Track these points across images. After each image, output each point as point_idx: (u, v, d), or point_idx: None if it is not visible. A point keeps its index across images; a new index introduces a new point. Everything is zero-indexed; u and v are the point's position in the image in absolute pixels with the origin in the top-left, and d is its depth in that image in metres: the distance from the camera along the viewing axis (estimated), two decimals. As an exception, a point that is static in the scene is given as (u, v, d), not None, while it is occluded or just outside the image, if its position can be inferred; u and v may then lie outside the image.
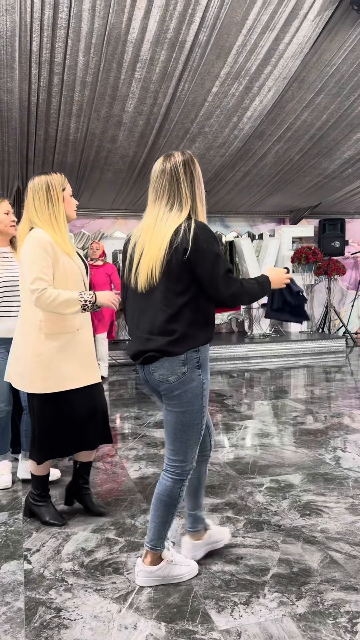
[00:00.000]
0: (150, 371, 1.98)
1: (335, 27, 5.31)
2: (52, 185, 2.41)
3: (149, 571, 2.08)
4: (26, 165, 6.86)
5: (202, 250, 1.86)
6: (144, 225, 2.01)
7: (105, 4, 4.71)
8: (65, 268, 2.41)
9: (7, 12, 4.65)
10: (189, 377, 1.94)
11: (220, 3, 4.87)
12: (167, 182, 1.95)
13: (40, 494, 2.67)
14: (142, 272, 1.94)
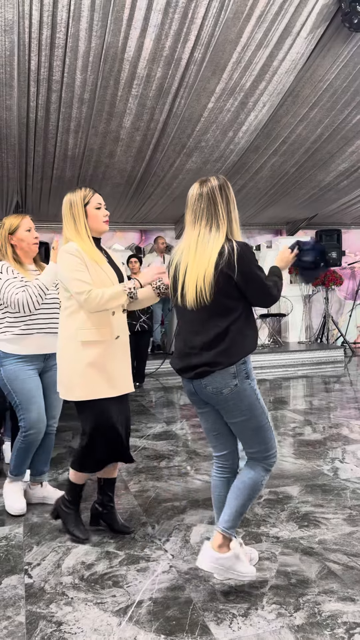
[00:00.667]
0: (203, 385, 2.08)
1: (328, 43, 5.42)
2: (74, 203, 2.51)
3: (217, 557, 2.07)
4: (25, 180, 6.95)
5: (249, 271, 2.02)
6: (185, 247, 2.13)
7: (102, 23, 4.81)
8: (95, 279, 2.45)
9: (6, 32, 4.74)
10: (241, 388, 2.05)
11: (214, 22, 4.98)
12: (205, 205, 2.08)
13: (71, 501, 2.66)
14: (190, 291, 2.06)
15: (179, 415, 5.27)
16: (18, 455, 2.95)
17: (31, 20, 4.70)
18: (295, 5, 4.93)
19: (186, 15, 4.88)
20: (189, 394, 2.19)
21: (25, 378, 2.88)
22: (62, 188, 7.15)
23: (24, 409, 2.87)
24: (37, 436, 2.90)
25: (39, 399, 2.90)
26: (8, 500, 2.98)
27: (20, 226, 2.96)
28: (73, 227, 2.51)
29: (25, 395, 2.87)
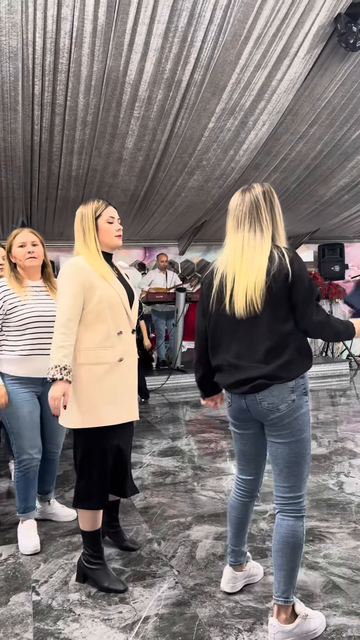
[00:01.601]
0: (258, 400, 1.94)
1: (326, 63, 5.53)
2: (85, 215, 2.39)
3: (287, 631, 1.91)
4: (30, 201, 7.07)
5: (300, 275, 1.90)
6: (230, 254, 2.02)
7: (104, 48, 4.95)
8: (101, 294, 2.29)
9: (10, 59, 4.88)
10: (298, 404, 1.92)
11: (213, 44, 5.10)
12: (247, 210, 1.99)
13: (93, 554, 2.41)
14: (239, 300, 1.94)
15: (184, 431, 5.29)
16: (19, 487, 2.81)
17: (35, 47, 4.84)
18: (292, 27, 5.06)
19: (185, 39, 5.01)
20: (237, 411, 2.05)
21: (19, 402, 2.73)
22: (67, 208, 7.28)
23: (15, 435, 2.75)
24: (31, 462, 2.76)
25: (31, 425, 2.75)
26: (21, 541, 2.83)
27: (14, 243, 2.83)
28: (82, 240, 2.38)
29: (17, 421, 2.73)
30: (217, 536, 2.83)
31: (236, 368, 1.97)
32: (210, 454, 4.40)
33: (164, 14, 4.76)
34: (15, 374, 2.74)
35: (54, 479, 3.11)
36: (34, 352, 2.74)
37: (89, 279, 2.28)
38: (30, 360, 2.75)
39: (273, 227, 1.99)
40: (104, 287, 2.30)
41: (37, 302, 2.81)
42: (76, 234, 2.41)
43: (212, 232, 9.33)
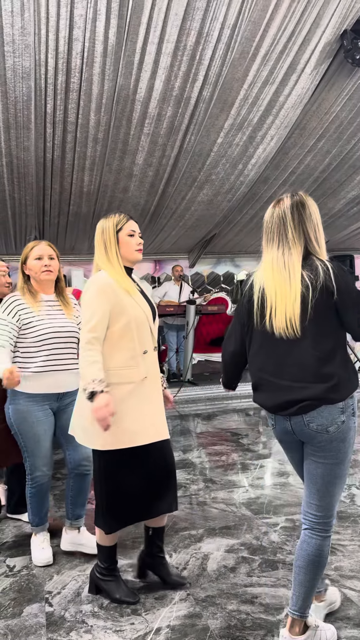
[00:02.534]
0: (306, 422, 1.87)
1: (332, 78, 5.60)
2: (106, 229, 2.35)
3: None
4: (42, 216, 7.18)
5: (346, 288, 1.84)
6: (267, 269, 1.98)
7: (114, 67, 5.06)
8: (128, 311, 2.26)
9: (23, 79, 5.01)
10: (347, 426, 1.86)
11: (221, 62, 5.20)
12: (275, 226, 1.95)
13: (108, 567, 2.41)
14: (280, 317, 1.89)
15: (195, 444, 5.31)
16: (32, 502, 2.78)
17: (47, 67, 4.96)
18: (298, 44, 5.14)
19: (194, 57, 5.11)
20: (282, 433, 1.98)
21: (34, 421, 2.68)
22: (78, 223, 7.39)
23: (29, 453, 2.71)
24: (43, 479, 2.73)
25: (46, 444, 2.72)
26: (34, 553, 2.82)
27: (30, 255, 2.77)
28: (104, 254, 2.34)
29: (31, 440, 2.68)
30: (228, 549, 2.85)
31: (280, 388, 1.91)
32: (222, 466, 4.41)
33: (173, 34, 4.87)
34: (31, 391, 2.68)
35: (86, 500, 2.90)
36: (49, 367, 2.69)
37: (116, 297, 2.24)
38: (46, 376, 2.69)
39: (306, 241, 1.93)
40: (131, 305, 2.27)
41: (52, 317, 2.76)
42: (97, 247, 2.37)
43: (222, 245, 9.40)
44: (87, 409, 2.23)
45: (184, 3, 4.64)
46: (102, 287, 2.24)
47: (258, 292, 1.99)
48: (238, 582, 2.49)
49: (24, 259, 2.79)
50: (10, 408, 2.71)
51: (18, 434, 2.70)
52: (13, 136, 5.54)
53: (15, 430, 2.70)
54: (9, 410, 2.72)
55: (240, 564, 2.67)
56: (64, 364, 2.73)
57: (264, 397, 1.98)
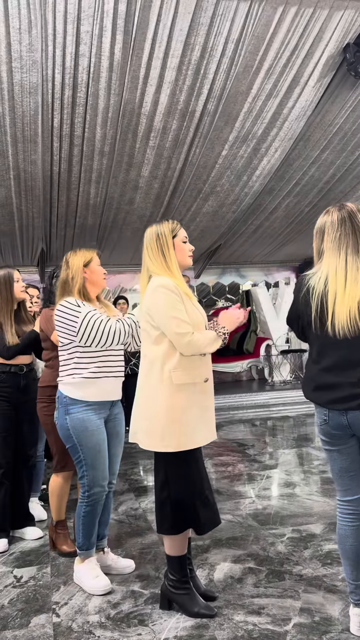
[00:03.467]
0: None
1: (336, 90, 5.66)
2: (162, 234, 2.34)
3: None
4: (49, 228, 7.26)
5: None
6: (330, 274, 2.04)
7: (120, 82, 5.14)
8: (190, 314, 2.28)
9: (31, 94, 5.10)
10: None
11: (225, 76, 5.27)
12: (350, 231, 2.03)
13: (181, 579, 2.30)
14: (342, 320, 1.98)
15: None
16: (85, 523, 2.57)
17: (54, 82, 5.05)
18: (302, 57, 5.21)
19: (199, 71, 5.19)
20: (336, 427, 2.05)
21: (94, 430, 2.55)
22: (85, 235, 7.45)
23: (89, 466, 2.55)
24: (101, 495, 2.59)
25: (105, 454, 2.59)
26: (88, 582, 2.57)
27: (94, 260, 2.73)
28: (162, 260, 2.31)
29: (92, 450, 2.54)
30: (235, 559, 2.84)
31: (340, 385, 2.00)
32: (228, 477, 4.41)
33: (178, 49, 4.94)
34: (89, 399, 2.56)
35: (109, 519, 2.81)
36: (103, 374, 2.59)
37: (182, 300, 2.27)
38: (99, 383, 2.58)
39: None
40: (191, 309, 2.30)
41: None
42: (151, 253, 2.33)
43: (227, 256, 9.44)
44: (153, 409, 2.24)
45: (189, 19, 4.72)
46: (174, 289, 2.25)
47: (319, 296, 2.05)
48: (245, 592, 2.49)
49: (87, 262, 2.70)
50: (67, 419, 2.55)
51: (77, 446, 2.55)
52: (20, 150, 5.62)
53: (75, 441, 2.54)
54: (64, 422, 2.56)
55: (247, 574, 2.67)
56: (117, 370, 2.65)
57: (321, 394, 2.06)
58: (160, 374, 2.25)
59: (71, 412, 2.55)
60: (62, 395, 2.59)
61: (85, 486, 2.56)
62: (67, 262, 2.72)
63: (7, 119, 5.25)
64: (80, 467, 2.57)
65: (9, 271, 3.29)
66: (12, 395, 3.24)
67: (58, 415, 2.61)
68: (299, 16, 4.86)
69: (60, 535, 3.06)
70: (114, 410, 2.70)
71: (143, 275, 2.38)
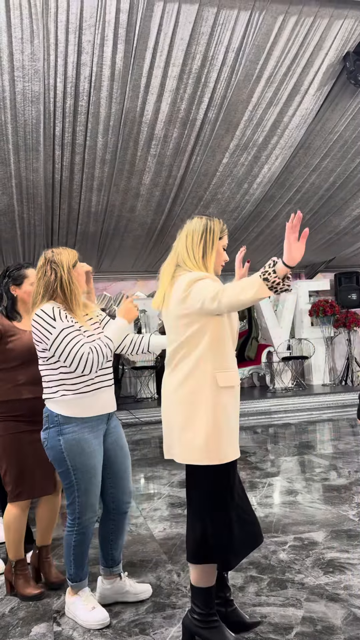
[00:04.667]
0: None
1: (336, 99, 5.69)
2: (211, 230, 2.11)
3: None
4: (51, 235, 7.28)
5: None
6: None
7: (122, 90, 5.17)
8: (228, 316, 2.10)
9: (33, 103, 5.13)
10: None
11: (226, 84, 5.30)
12: None
13: (210, 612, 2.04)
14: None
15: (203, 462, 5.29)
16: (76, 554, 2.34)
17: (56, 91, 5.09)
18: (302, 66, 5.25)
19: (199, 80, 5.22)
20: None
21: (91, 452, 2.28)
22: (87, 242, 7.48)
23: (81, 491, 2.28)
24: (93, 522, 2.33)
25: (99, 478, 2.33)
26: (83, 615, 2.33)
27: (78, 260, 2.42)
28: (200, 256, 2.09)
29: (87, 474, 2.27)
30: (237, 567, 2.83)
31: None
32: (229, 484, 4.39)
33: (179, 57, 4.98)
34: (86, 415, 2.29)
35: (123, 543, 2.55)
36: (98, 385, 2.33)
37: None
38: (96, 396, 2.32)
39: None
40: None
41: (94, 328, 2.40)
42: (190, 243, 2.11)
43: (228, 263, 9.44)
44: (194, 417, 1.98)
45: (190, 28, 4.76)
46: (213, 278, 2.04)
47: None
48: (246, 601, 2.47)
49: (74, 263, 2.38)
50: (60, 440, 2.25)
51: (71, 470, 2.26)
52: (22, 158, 5.65)
53: (68, 465, 2.26)
54: (57, 443, 2.26)
55: (248, 583, 2.66)
56: (109, 379, 2.40)
57: None
58: (200, 376, 1.99)
59: (65, 433, 2.25)
60: (52, 414, 2.28)
61: (75, 513, 2.30)
62: (51, 261, 2.34)
63: (9, 127, 5.28)
64: (70, 492, 2.29)
65: None
66: None
67: (48, 437, 2.29)
68: (299, 25, 4.90)
69: (21, 577, 2.64)
70: (112, 422, 2.43)
71: (170, 263, 2.15)
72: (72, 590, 2.39)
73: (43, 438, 2.33)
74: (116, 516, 2.44)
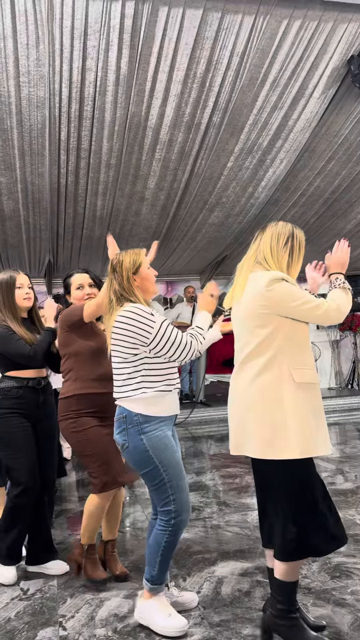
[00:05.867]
0: None
1: (340, 102, 5.69)
2: (297, 237, 2.21)
3: None
4: (57, 240, 7.30)
5: None
6: None
7: (126, 95, 5.19)
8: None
9: (38, 108, 5.16)
10: None
11: (231, 88, 5.32)
12: None
13: (292, 608, 2.05)
14: None
15: (209, 466, 5.28)
16: (164, 555, 2.26)
17: (61, 96, 5.11)
18: (306, 70, 5.25)
19: (204, 84, 5.24)
20: None
21: (173, 446, 2.29)
22: (92, 246, 7.50)
23: (175, 488, 2.23)
24: (186, 524, 2.29)
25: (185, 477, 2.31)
26: (161, 621, 2.24)
27: (144, 263, 2.39)
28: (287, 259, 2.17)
29: (176, 469, 2.25)
30: (243, 572, 2.82)
31: None
32: (235, 489, 4.38)
33: (183, 62, 5.00)
34: (163, 414, 2.30)
35: None
36: (172, 386, 2.34)
37: None
38: (170, 395, 2.33)
39: None
40: None
41: None
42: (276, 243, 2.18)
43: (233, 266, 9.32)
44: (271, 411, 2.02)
45: (194, 33, 4.78)
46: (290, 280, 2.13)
47: None
48: (253, 606, 2.46)
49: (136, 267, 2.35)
50: (143, 439, 2.23)
51: (159, 468, 2.23)
52: (28, 163, 5.68)
53: (156, 463, 2.23)
54: (140, 443, 2.23)
55: (254, 587, 2.64)
56: (178, 382, 2.40)
57: None
58: (277, 374, 2.04)
59: (147, 431, 2.24)
60: (131, 413, 2.26)
61: (171, 513, 2.22)
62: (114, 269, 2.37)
63: (14, 132, 5.31)
64: (163, 491, 2.23)
65: (12, 275, 3.01)
66: (31, 413, 2.90)
67: (128, 438, 2.26)
68: (304, 29, 4.90)
69: (90, 561, 2.77)
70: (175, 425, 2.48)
71: (250, 259, 2.22)
72: (149, 592, 2.31)
73: (122, 441, 2.29)
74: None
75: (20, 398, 2.88)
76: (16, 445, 2.83)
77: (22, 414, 2.88)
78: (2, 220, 6.54)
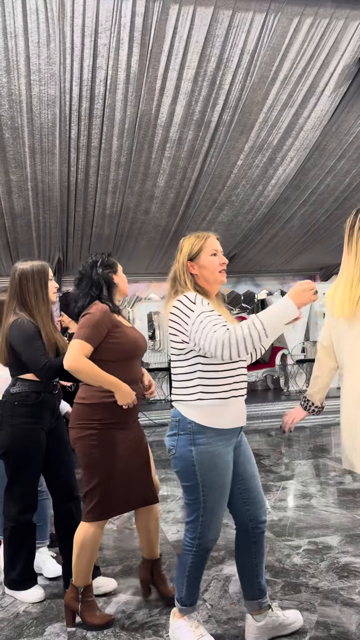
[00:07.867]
0: None
1: (352, 100, 5.66)
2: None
3: None
4: (66, 238, 7.33)
5: None
6: None
7: (137, 93, 5.20)
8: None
9: (49, 106, 5.18)
10: None
11: (241, 86, 5.30)
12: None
13: None
14: None
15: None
16: (190, 575, 2.08)
17: (72, 95, 5.13)
18: (317, 67, 5.22)
19: (214, 82, 5.23)
20: None
21: (223, 468, 2.01)
22: (101, 244, 7.51)
23: (207, 510, 2.02)
24: (212, 546, 2.10)
25: (227, 499, 2.07)
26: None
27: (204, 248, 2.09)
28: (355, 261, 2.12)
29: (216, 493, 2.01)
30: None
31: None
32: (243, 487, 4.37)
33: (194, 60, 4.99)
34: (222, 426, 2.00)
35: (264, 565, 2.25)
36: (238, 392, 2.04)
37: None
38: (233, 404, 2.02)
39: None
40: None
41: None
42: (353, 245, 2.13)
43: (242, 265, 9.44)
44: None
45: (205, 31, 4.77)
46: None
47: None
48: (260, 605, 2.46)
49: (194, 254, 2.09)
50: (193, 451, 1.98)
51: (199, 486, 2.00)
52: (38, 161, 5.70)
53: (198, 480, 1.99)
54: (189, 454, 1.99)
55: (262, 586, 2.64)
56: (245, 388, 2.08)
57: None
58: None
59: (199, 443, 1.98)
60: (185, 419, 2.00)
61: (197, 531, 2.03)
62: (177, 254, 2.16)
63: (25, 130, 5.33)
64: (194, 509, 2.03)
65: (44, 264, 2.68)
66: (47, 421, 2.59)
67: (177, 444, 2.03)
68: (315, 27, 4.88)
69: (88, 605, 2.35)
70: (242, 437, 2.15)
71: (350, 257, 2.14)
72: (180, 613, 2.14)
73: (170, 445, 2.06)
74: (257, 536, 2.15)
75: (37, 405, 2.54)
76: (29, 463, 2.53)
77: (40, 424, 2.55)
78: (12, 218, 6.57)
